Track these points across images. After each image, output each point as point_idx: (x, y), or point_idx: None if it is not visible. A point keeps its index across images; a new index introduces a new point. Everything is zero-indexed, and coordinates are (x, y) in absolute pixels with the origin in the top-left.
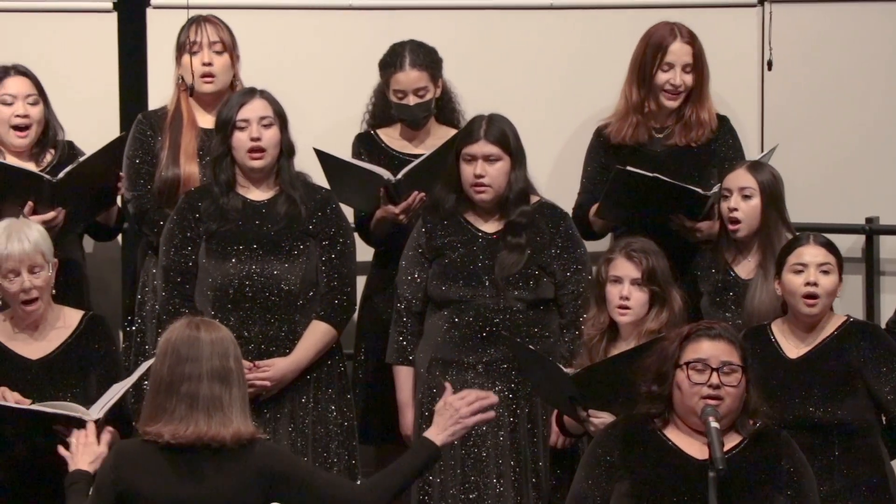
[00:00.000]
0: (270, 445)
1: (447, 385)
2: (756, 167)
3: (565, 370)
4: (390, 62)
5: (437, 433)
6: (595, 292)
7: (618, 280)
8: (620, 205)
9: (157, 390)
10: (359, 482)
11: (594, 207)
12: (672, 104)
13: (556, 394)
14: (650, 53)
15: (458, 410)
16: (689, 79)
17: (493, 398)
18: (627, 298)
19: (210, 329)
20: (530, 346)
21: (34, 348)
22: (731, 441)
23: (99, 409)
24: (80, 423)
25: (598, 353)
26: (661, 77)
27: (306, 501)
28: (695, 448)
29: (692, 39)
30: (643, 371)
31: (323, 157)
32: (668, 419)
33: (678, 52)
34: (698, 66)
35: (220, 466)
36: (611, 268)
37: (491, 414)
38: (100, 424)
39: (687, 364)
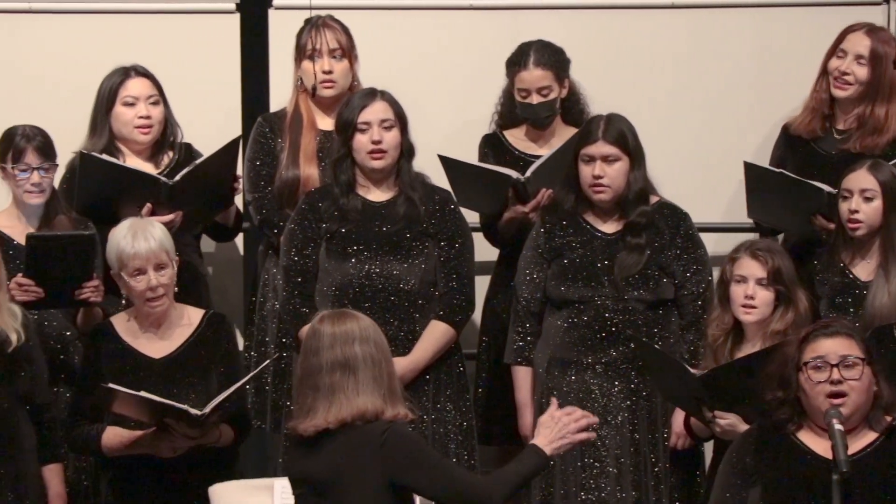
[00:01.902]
0: (400, 428)
1: (553, 399)
2: (877, 167)
3: (693, 371)
4: (516, 61)
5: (544, 444)
6: (719, 292)
7: (743, 279)
8: (763, 203)
9: (296, 387)
10: None
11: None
12: (840, 93)
13: (682, 394)
14: (833, 43)
15: (566, 426)
16: (861, 71)
17: (594, 419)
18: (752, 298)
19: (337, 319)
20: (657, 346)
21: (157, 347)
22: (866, 439)
23: (208, 405)
24: (190, 418)
25: (723, 353)
26: (833, 63)
27: (429, 486)
28: (828, 449)
29: (875, 34)
30: (767, 378)
31: (448, 162)
32: (801, 423)
33: (854, 40)
34: (877, 61)
35: (339, 446)
36: (735, 267)
37: (592, 434)
38: (204, 420)
39: (806, 364)
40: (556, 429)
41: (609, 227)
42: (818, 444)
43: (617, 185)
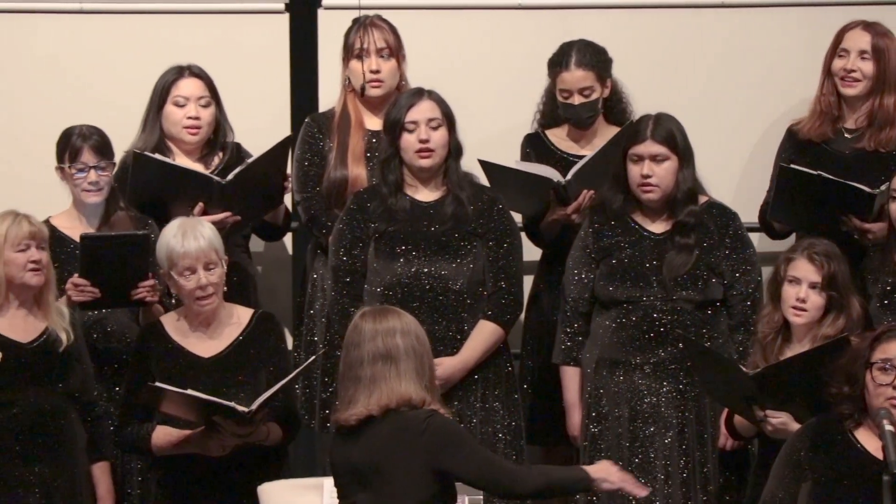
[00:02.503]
0: (441, 415)
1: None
2: None
3: (745, 370)
4: (557, 61)
5: (594, 471)
6: (771, 290)
7: (796, 281)
8: (790, 205)
9: (340, 382)
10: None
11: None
12: (849, 91)
13: (732, 394)
14: (831, 45)
15: (624, 480)
16: (867, 66)
17: (644, 491)
18: (804, 301)
19: (378, 314)
20: (707, 346)
21: (207, 346)
22: None
23: (255, 402)
24: (237, 415)
25: (772, 351)
26: (837, 64)
27: (469, 471)
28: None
29: (872, 28)
30: (835, 371)
31: (488, 166)
32: (860, 420)
33: (854, 37)
34: (879, 54)
35: (377, 430)
36: (790, 268)
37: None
38: (251, 417)
39: (873, 364)
40: (615, 474)
41: (657, 227)
42: (874, 444)
43: (665, 185)
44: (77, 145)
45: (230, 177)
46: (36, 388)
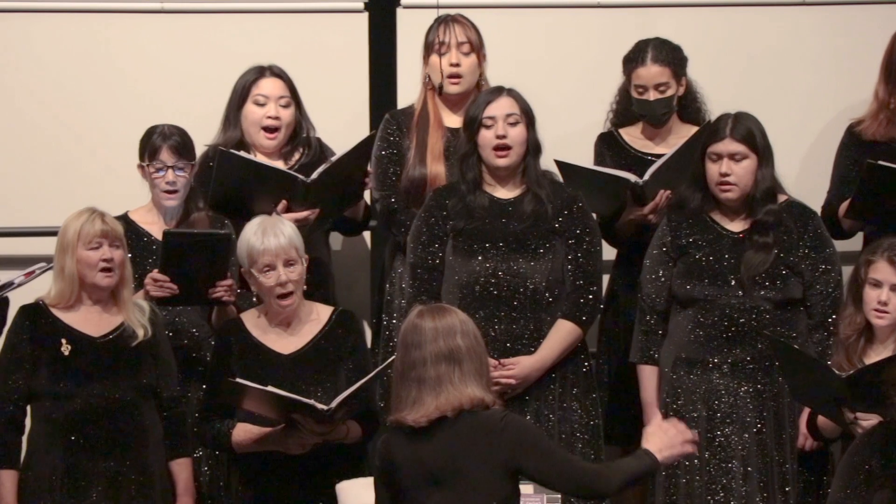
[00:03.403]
0: (516, 415)
1: (657, 412)
2: None
3: (836, 371)
4: (633, 58)
5: (654, 450)
6: (852, 292)
7: (877, 284)
8: (872, 202)
9: (396, 381)
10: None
11: (843, 206)
12: None
13: (820, 395)
14: (890, 44)
15: (673, 436)
16: None
17: (695, 434)
18: (885, 304)
19: (435, 313)
20: (795, 346)
21: (287, 343)
22: None
23: (335, 400)
24: (317, 413)
25: (855, 352)
26: None
27: (547, 471)
28: None
29: None
30: None
31: (564, 167)
32: None
33: None
34: None
35: (451, 431)
36: (871, 270)
37: (695, 448)
38: (331, 415)
39: None
40: (665, 438)
41: (736, 226)
42: None
43: (744, 184)
44: (157, 144)
45: (314, 175)
46: (104, 382)
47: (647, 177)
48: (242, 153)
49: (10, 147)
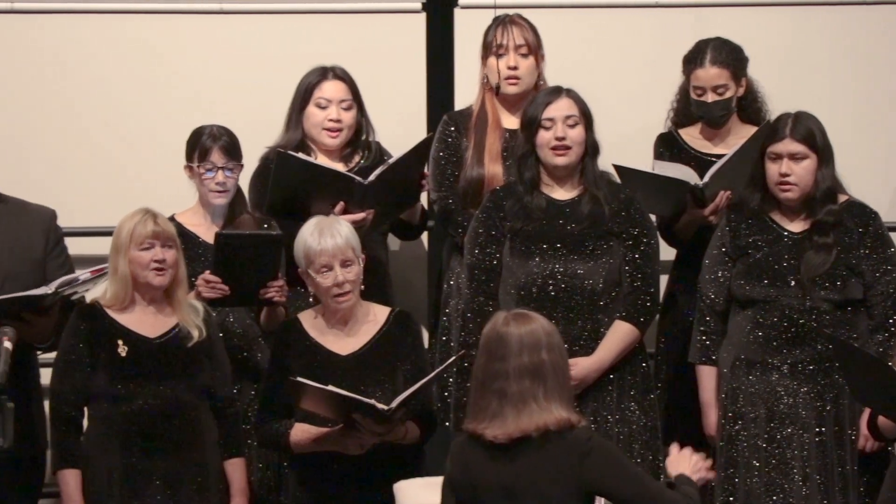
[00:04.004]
0: (601, 437)
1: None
2: None
3: None
4: (692, 58)
5: (690, 474)
6: None
7: None
8: None
9: (474, 388)
10: (663, 481)
11: None
12: None
13: (881, 395)
14: None
15: (695, 462)
16: None
17: (707, 463)
18: None
19: (521, 323)
20: (856, 345)
21: (344, 344)
22: None
23: (394, 401)
24: (377, 413)
25: None
26: None
27: (627, 495)
28: None
29: None
30: None
31: (623, 171)
32: None
33: None
34: None
35: (535, 452)
36: None
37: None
38: (390, 416)
39: None
40: (689, 464)
41: (796, 226)
42: None
43: (804, 184)
44: (207, 145)
45: (372, 177)
46: (161, 383)
47: (706, 178)
48: (301, 155)
49: (65, 148)
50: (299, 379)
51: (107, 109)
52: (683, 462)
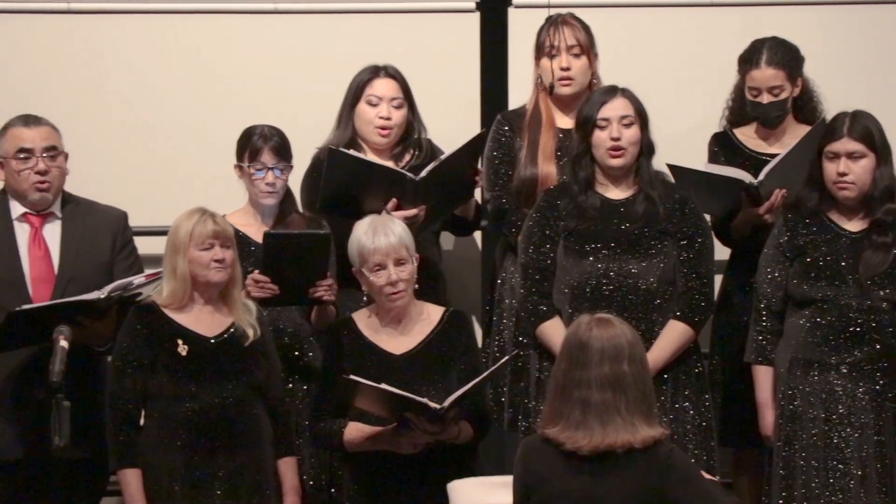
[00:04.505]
0: (679, 451)
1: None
2: None
3: None
4: (748, 58)
5: None
6: None
7: None
8: None
9: (554, 392)
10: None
11: None
12: None
13: None
14: None
15: None
16: None
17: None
18: None
19: (604, 330)
20: None
21: (398, 343)
22: None
23: (447, 400)
24: (430, 412)
25: None
26: None
27: None
28: None
29: None
30: None
31: (676, 170)
32: None
33: None
34: None
35: (620, 469)
36: None
37: None
38: (443, 415)
39: None
40: None
41: (854, 226)
42: None
43: (862, 183)
44: (258, 146)
45: (424, 173)
46: (220, 382)
47: (761, 177)
48: (352, 151)
49: (119, 147)
50: (353, 377)
51: (159, 108)
52: None
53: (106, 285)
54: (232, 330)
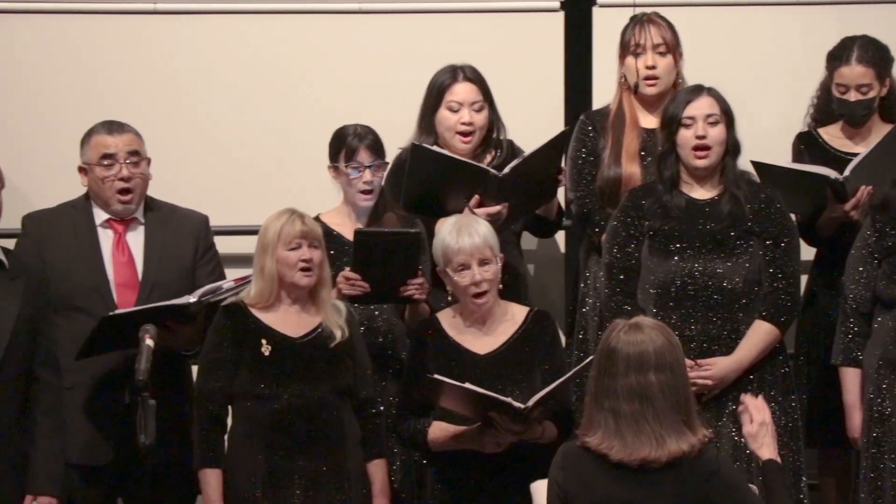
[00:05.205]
0: (724, 456)
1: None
2: None
3: None
4: (837, 55)
5: (774, 454)
6: None
7: None
8: None
9: (588, 400)
10: (804, 483)
11: None
12: None
13: None
14: None
15: (769, 424)
16: None
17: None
18: None
19: (632, 338)
20: None
21: (482, 343)
22: None
23: (531, 399)
24: (514, 411)
25: None
26: None
27: None
28: None
29: None
30: None
31: (761, 167)
32: None
33: None
34: None
35: (664, 476)
36: None
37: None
38: (527, 414)
39: None
40: (767, 433)
41: None
42: None
43: None
44: (353, 145)
45: (507, 170)
46: (303, 383)
47: (847, 172)
48: (435, 147)
49: (207, 147)
50: (437, 377)
51: (246, 109)
52: (763, 438)
53: (187, 290)
54: (319, 330)
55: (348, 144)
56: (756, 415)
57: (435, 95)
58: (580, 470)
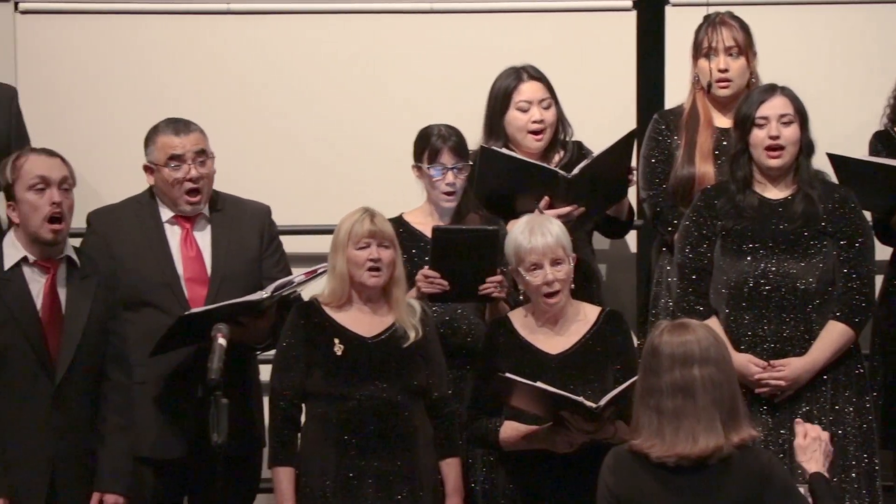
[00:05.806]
0: (776, 459)
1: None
2: None
3: None
4: None
5: (821, 468)
6: None
7: None
8: None
9: (636, 401)
10: (878, 485)
11: None
12: None
13: None
14: None
15: (823, 442)
16: None
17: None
18: None
19: (676, 335)
20: None
21: (554, 343)
22: None
23: (604, 399)
24: (586, 411)
25: None
26: None
27: None
28: None
29: None
30: None
31: (837, 160)
32: None
33: None
34: None
35: (716, 478)
36: None
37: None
38: (599, 414)
39: None
40: (818, 448)
41: None
42: None
43: None
44: (437, 146)
45: (576, 171)
46: (374, 383)
47: None
48: (504, 150)
49: (281, 147)
50: (509, 375)
51: (320, 109)
52: (812, 451)
53: (255, 282)
54: (392, 330)
55: (432, 145)
56: (811, 430)
57: (501, 98)
58: (630, 474)
